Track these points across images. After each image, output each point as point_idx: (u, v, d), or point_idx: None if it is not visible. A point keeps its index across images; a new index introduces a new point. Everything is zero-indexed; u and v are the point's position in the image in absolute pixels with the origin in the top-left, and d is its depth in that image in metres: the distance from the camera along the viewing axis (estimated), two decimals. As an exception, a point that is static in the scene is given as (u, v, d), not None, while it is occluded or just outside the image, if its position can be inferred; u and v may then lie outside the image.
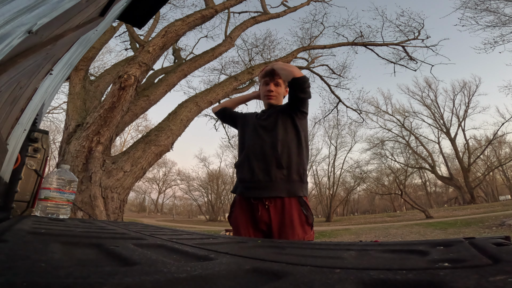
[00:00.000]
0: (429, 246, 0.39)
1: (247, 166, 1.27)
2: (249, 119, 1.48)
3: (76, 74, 4.26)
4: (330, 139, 28.80)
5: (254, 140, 1.34)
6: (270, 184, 1.17)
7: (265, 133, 1.32)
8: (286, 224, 1.11)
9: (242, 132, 1.46)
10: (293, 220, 1.11)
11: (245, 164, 1.29)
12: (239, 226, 1.23)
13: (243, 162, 1.31)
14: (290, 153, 1.24)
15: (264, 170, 1.21)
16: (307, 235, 1.13)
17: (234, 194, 1.35)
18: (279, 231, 1.12)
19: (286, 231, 1.10)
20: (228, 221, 1.35)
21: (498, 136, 24.93)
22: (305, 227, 1.13)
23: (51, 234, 0.49)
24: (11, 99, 0.72)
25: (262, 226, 1.17)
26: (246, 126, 1.44)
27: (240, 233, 1.22)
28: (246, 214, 1.23)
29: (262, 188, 1.18)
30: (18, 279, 0.18)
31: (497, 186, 33.18)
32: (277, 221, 1.13)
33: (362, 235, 9.56)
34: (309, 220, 1.15)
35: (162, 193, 40.07)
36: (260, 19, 6.96)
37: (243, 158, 1.33)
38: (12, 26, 0.46)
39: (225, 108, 1.59)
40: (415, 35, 8.67)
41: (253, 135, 1.36)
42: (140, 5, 1.54)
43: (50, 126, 18.23)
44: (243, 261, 0.33)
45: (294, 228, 1.10)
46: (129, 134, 28.39)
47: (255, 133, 1.36)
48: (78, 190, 2.90)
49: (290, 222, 1.11)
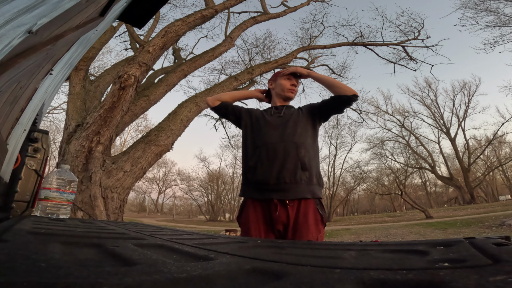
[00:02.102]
0: (429, 246, 0.39)
1: (268, 166, 1.18)
2: (259, 115, 1.38)
3: (76, 74, 4.26)
4: (330, 139, 28.84)
5: (274, 138, 1.24)
6: (295, 186, 1.16)
7: (287, 133, 1.26)
8: (302, 223, 1.12)
9: (252, 129, 1.34)
10: (308, 219, 1.13)
11: (265, 165, 1.19)
12: (250, 227, 1.17)
13: (261, 162, 1.20)
14: (310, 156, 1.23)
15: (290, 172, 1.17)
16: (320, 234, 1.16)
17: (244, 196, 1.26)
18: (294, 230, 1.12)
19: (301, 230, 1.11)
20: (237, 221, 1.28)
21: (498, 136, 24.95)
22: (319, 226, 1.16)
23: (51, 234, 0.49)
24: (11, 99, 0.72)
25: (278, 227, 1.15)
26: (257, 123, 1.34)
27: (251, 234, 1.15)
28: (259, 214, 1.18)
29: (287, 190, 1.16)
30: (18, 279, 0.18)
31: (497, 186, 33.17)
32: (294, 221, 1.13)
33: (362, 235, 9.56)
34: (324, 220, 1.19)
35: (162, 193, 40.09)
36: (260, 19, 6.96)
37: (260, 157, 1.22)
38: (12, 26, 0.46)
39: (226, 103, 1.45)
40: (415, 35, 8.68)
41: (272, 133, 1.26)
42: (140, 5, 1.54)
43: (50, 126, 18.24)
44: (243, 261, 0.33)
45: (309, 227, 1.12)
46: (129, 134, 28.42)
47: (274, 131, 1.27)
48: (78, 190, 2.90)
49: (305, 222, 1.13)
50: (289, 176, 1.16)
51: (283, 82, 1.44)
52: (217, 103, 1.44)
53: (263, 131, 1.29)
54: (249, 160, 1.26)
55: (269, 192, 1.16)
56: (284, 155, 1.19)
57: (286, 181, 1.15)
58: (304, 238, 1.09)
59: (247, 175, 1.24)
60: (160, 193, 39.74)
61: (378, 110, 26.58)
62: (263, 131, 1.30)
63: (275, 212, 1.13)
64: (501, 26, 13.05)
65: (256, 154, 1.24)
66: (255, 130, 1.33)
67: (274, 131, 1.27)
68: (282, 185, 1.15)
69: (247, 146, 1.32)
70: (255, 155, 1.24)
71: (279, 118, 1.33)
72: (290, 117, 1.32)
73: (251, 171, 1.23)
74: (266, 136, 1.26)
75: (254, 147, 1.27)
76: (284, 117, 1.33)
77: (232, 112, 1.44)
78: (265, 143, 1.24)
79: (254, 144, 1.29)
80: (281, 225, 1.14)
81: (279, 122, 1.31)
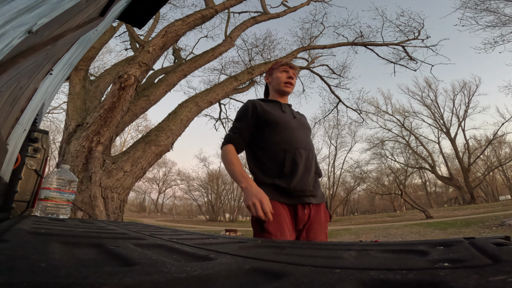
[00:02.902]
0: (429, 246, 0.39)
1: (303, 175, 1.17)
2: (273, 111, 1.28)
3: (76, 74, 4.27)
4: (330, 139, 28.79)
5: (301, 144, 1.22)
6: (317, 193, 1.23)
7: (309, 141, 1.27)
8: (318, 222, 1.20)
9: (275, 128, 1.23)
10: (321, 217, 1.23)
11: (299, 173, 1.16)
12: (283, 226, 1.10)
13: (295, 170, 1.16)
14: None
15: (314, 179, 1.24)
16: (327, 230, 1.27)
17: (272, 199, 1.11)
18: (309, 228, 1.19)
19: (316, 227, 1.19)
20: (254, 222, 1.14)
21: (498, 136, 24.96)
22: (327, 223, 1.28)
23: (51, 234, 0.49)
24: (11, 99, 0.72)
25: (300, 226, 1.18)
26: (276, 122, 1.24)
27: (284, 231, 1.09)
28: (287, 214, 1.16)
29: (314, 196, 1.22)
30: (19, 279, 0.18)
31: (497, 186, 33.19)
32: (312, 220, 1.20)
33: (362, 235, 9.56)
34: (330, 218, 1.31)
35: (162, 193, 40.12)
36: (260, 19, 6.97)
37: (294, 165, 1.17)
38: (12, 26, 0.46)
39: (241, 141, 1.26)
40: (415, 35, 8.68)
41: (298, 138, 1.23)
42: (140, 5, 1.54)
43: (50, 126, 18.25)
44: (243, 261, 0.33)
45: (321, 224, 1.22)
46: (129, 134, 28.42)
47: (299, 135, 1.24)
48: (78, 190, 2.90)
49: (319, 220, 1.22)
50: (313, 184, 1.23)
51: (279, 75, 1.37)
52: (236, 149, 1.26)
53: (288, 133, 1.23)
54: (280, 166, 1.18)
55: (301, 197, 1.18)
56: (311, 163, 1.23)
57: (314, 187, 1.22)
58: (318, 234, 1.18)
59: (277, 181, 1.16)
60: (160, 193, 39.79)
61: (378, 110, 26.64)
62: (288, 133, 1.23)
63: (302, 212, 1.18)
64: (501, 26, 13.08)
65: (289, 160, 1.17)
66: (278, 130, 1.23)
67: (299, 135, 1.25)
68: (312, 192, 1.21)
69: (269, 146, 1.22)
70: (288, 161, 1.17)
71: (299, 122, 1.31)
72: (301, 120, 1.34)
73: (285, 178, 1.16)
74: (294, 140, 1.22)
75: (282, 150, 1.19)
76: (298, 119, 1.32)
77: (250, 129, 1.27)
78: (296, 148, 1.20)
79: (280, 146, 1.20)
80: (302, 224, 1.18)
81: (297, 125, 1.29)
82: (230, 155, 1.22)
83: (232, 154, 1.22)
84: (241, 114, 1.30)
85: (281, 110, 1.32)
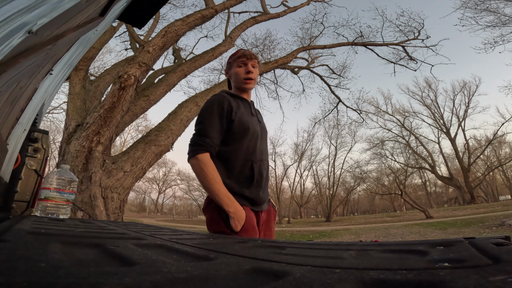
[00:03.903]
0: (429, 246, 0.39)
1: (265, 185, 1.21)
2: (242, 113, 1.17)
3: (76, 74, 4.27)
4: (330, 139, 28.81)
5: (264, 155, 1.23)
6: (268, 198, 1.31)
7: (266, 150, 1.28)
8: (270, 221, 1.30)
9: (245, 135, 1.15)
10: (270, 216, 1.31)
11: (263, 183, 1.18)
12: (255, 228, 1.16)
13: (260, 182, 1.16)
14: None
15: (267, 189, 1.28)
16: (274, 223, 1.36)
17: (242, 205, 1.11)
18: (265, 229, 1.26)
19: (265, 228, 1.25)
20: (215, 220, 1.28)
21: (498, 136, 24.97)
22: (275, 219, 1.35)
23: (51, 234, 0.49)
24: (11, 99, 0.72)
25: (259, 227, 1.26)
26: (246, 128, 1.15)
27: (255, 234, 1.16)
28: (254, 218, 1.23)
29: (269, 201, 1.31)
30: (18, 279, 0.18)
31: (497, 186, 33.20)
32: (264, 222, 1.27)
33: (362, 235, 9.56)
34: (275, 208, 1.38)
35: (162, 193, 40.13)
36: (260, 19, 6.97)
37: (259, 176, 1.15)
38: (12, 26, 0.46)
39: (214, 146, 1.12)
40: (415, 35, 8.69)
41: (261, 148, 1.22)
42: (140, 5, 1.54)
43: (50, 126, 18.25)
44: (243, 261, 0.33)
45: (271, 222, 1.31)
46: (129, 134, 28.42)
47: (261, 145, 1.22)
48: (78, 190, 2.90)
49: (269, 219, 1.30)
50: (267, 192, 1.29)
51: (237, 70, 1.24)
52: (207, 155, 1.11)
53: (255, 143, 1.17)
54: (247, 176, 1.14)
55: (262, 205, 1.24)
56: (267, 170, 1.24)
57: (266, 198, 1.26)
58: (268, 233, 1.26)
59: (244, 190, 1.13)
60: (160, 193, 39.80)
61: (378, 110, 26.63)
62: (254, 142, 1.17)
63: (261, 217, 1.22)
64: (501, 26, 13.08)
65: (257, 171, 1.14)
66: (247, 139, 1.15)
67: (262, 145, 1.25)
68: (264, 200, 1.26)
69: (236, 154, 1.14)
70: (256, 173, 1.14)
71: (259, 126, 1.25)
72: (263, 123, 1.33)
73: (252, 189, 1.14)
74: (260, 151, 1.19)
75: (250, 160, 1.14)
76: (262, 124, 1.30)
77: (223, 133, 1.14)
78: (261, 159, 1.19)
79: (247, 156, 1.15)
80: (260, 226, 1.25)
81: (262, 132, 1.25)
82: (209, 169, 1.06)
83: (211, 168, 1.06)
84: (214, 112, 1.13)
85: (251, 113, 1.23)
